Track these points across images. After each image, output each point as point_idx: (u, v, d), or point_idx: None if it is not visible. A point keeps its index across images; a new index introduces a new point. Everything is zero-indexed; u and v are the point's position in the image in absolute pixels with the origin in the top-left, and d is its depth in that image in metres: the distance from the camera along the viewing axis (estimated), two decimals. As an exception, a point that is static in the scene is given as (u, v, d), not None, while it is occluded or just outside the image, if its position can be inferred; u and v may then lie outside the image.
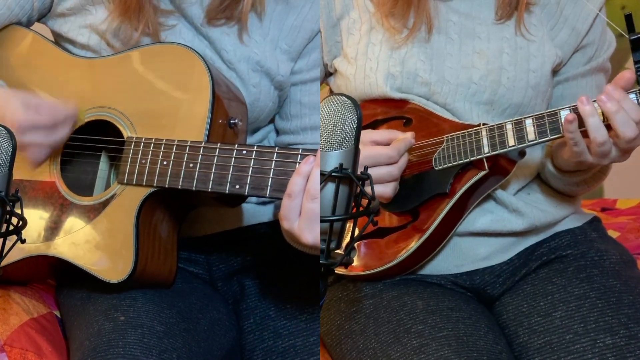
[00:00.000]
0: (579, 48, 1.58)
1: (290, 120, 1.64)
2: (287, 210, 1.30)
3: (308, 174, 1.29)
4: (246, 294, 1.62)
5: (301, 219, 1.29)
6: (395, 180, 1.46)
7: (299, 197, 1.29)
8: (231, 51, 1.56)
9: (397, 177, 1.46)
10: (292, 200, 1.30)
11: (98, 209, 1.48)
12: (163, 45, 1.51)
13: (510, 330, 1.52)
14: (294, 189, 1.30)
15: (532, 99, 1.55)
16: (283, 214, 1.31)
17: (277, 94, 1.61)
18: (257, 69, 1.57)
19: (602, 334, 1.41)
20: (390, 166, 1.44)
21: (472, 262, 1.57)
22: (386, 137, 1.48)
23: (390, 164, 1.45)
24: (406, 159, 1.47)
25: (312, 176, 1.28)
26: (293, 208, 1.30)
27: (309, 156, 1.32)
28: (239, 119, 1.49)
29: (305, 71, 1.61)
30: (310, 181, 1.29)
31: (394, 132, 1.50)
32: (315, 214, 1.27)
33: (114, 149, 1.51)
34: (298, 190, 1.29)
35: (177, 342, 1.42)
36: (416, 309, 1.48)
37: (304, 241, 1.30)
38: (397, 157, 1.45)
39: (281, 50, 1.59)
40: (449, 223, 1.52)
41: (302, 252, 1.35)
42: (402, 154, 1.46)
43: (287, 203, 1.30)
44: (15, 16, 1.58)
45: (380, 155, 1.44)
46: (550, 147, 1.58)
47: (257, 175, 1.37)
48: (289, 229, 1.31)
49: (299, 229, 1.30)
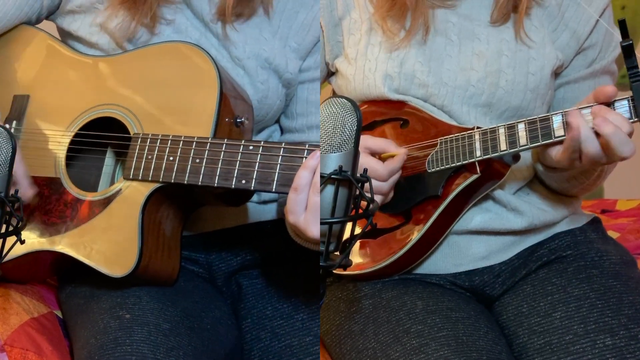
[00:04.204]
0: (580, 51, 1.57)
1: (295, 118, 1.64)
2: (293, 204, 1.31)
3: (315, 168, 1.30)
4: (243, 294, 1.62)
5: (307, 212, 1.30)
6: (382, 194, 1.46)
7: (305, 190, 1.30)
8: (240, 48, 1.56)
9: (385, 193, 1.46)
10: (299, 194, 1.30)
11: (103, 204, 1.49)
12: (171, 44, 1.51)
13: (510, 330, 1.52)
14: (301, 182, 1.30)
15: (531, 101, 1.54)
16: (289, 207, 1.31)
17: (285, 91, 1.61)
18: (266, 66, 1.57)
19: (602, 335, 1.41)
20: (380, 182, 1.44)
21: (471, 261, 1.57)
22: (381, 148, 1.48)
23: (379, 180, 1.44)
24: (398, 176, 1.47)
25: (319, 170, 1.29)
26: (299, 202, 1.30)
27: (316, 150, 1.32)
28: (245, 118, 1.50)
29: (313, 69, 1.61)
30: (316, 175, 1.29)
31: (389, 142, 1.49)
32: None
33: (120, 145, 1.52)
34: (304, 184, 1.30)
35: (182, 340, 1.43)
36: (416, 309, 1.49)
37: (309, 234, 1.30)
38: (387, 177, 1.44)
39: (290, 48, 1.59)
40: (442, 225, 1.53)
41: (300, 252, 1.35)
42: (393, 173, 1.45)
43: (294, 197, 1.31)
44: (25, 15, 1.59)
45: (371, 170, 1.43)
46: (535, 151, 1.56)
47: (264, 170, 1.37)
48: (295, 223, 1.31)
49: (304, 223, 1.30)
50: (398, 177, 1.47)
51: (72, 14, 1.59)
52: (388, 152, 1.49)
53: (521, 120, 1.44)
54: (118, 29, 1.54)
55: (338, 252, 1.10)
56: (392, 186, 1.47)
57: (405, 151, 1.48)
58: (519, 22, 1.53)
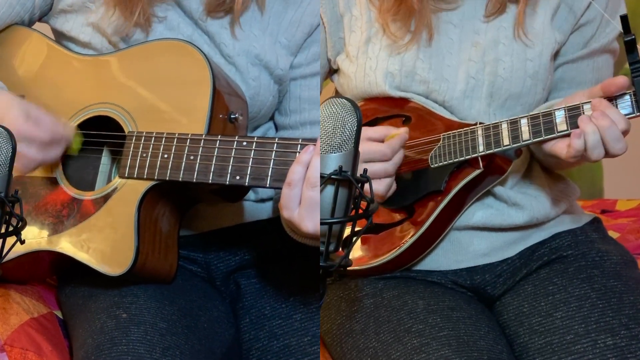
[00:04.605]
0: (577, 27, 1.56)
1: (289, 115, 1.63)
2: (287, 199, 1.30)
3: (308, 162, 1.29)
4: (242, 293, 1.62)
5: (301, 207, 1.29)
6: (389, 176, 1.45)
7: (298, 185, 1.29)
8: (230, 45, 1.56)
9: (392, 174, 1.46)
10: (292, 189, 1.30)
11: (99, 203, 1.48)
12: (163, 41, 1.51)
13: (511, 330, 1.52)
14: (294, 177, 1.30)
15: (531, 88, 1.53)
16: (283, 203, 1.31)
17: (277, 88, 1.60)
18: (257, 62, 1.57)
19: (603, 335, 1.41)
20: (385, 162, 1.44)
21: (472, 257, 1.57)
22: (381, 134, 1.47)
23: (384, 160, 1.44)
24: (401, 155, 1.46)
25: (312, 165, 1.28)
26: (293, 197, 1.30)
27: (308, 145, 1.32)
28: (239, 114, 1.50)
29: (305, 65, 1.61)
30: (310, 169, 1.29)
31: (389, 128, 1.49)
32: (315, 201, 1.27)
33: (116, 143, 1.51)
34: (298, 179, 1.29)
35: (179, 339, 1.42)
36: (417, 308, 1.48)
37: (304, 229, 1.29)
38: (391, 154, 1.44)
39: (280, 45, 1.59)
40: (444, 220, 1.53)
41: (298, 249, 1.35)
42: (396, 151, 1.45)
43: (287, 192, 1.30)
44: (17, 14, 1.58)
45: (374, 152, 1.43)
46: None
47: (258, 166, 1.37)
48: (289, 218, 1.31)
49: (299, 217, 1.29)
50: (402, 157, 1.46)
51: (64, 13, 1.58)
52: (390, 135, 1.48)
53: (524, 116, 1.44)
54: (111, 28, 1.54)
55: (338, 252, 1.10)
56: (398, 165, 1.46)
57: (405, 129, 1.48)
58: (521, 12, 1.52)
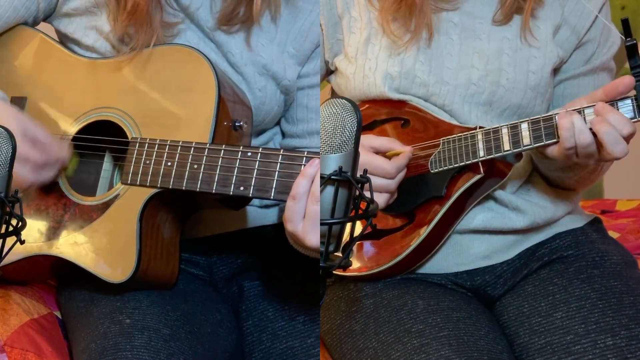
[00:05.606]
0: (579, 45, 1.57)
1: (296, 124, 1.63)
2: (292, 213, 1.30)
3: (313, 176, 1.30)
4: (245, 296, 1.62)
5: (305, 221, 1.30)
6: (390, 192, 1.46)
7: (303, 199, 1.30)
8: (237, 54, 1.55)
9: (393, 191, 1.47)
10: (297, 203, 1.30)
11: (101, 209, 1.48)
12: (169, 47, 1.50)
13: (511, 330, 1.52)
14: (299, 191, 1.30)
15: (531, 100, 1.54)
16: (287, 216, 1.31)
17: (283, 97, 1.60)
18: (264, 72, 1.57)
19: (603, 335, 1.41)
20: (388, 180, 1.45)
21: (472, 260, 1.57)
22: (386, 146, 1.48)
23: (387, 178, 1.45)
24: (404, 173, 1.47)
25: (317, 179, 1.28)
26: (297, 210, 1.30)
27: (314, 159, 1.32)
28: (244, 122, 1.49)
29: (312, 75, 1.61)
30: (315, 184, 1.29)
31: (394, 141, 1.50)
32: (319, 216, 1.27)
33: (118, 149, 1.51)
34: (302, 193, 1.30)
35: (183, 345, 1.42)
36: (417, 308, 1.48)
37: (308, 243, 1.30)
38: (395, 173, 1.45)
39: (288, 55, 1.59)
40: (445, 225, 1.53)
41: (300, 254, 1.35)
42: (400, 169, 1.46)
43: (292, 205, 1.30)
44: (22, 17, 1.58)
45: (379, 169, 1.45)
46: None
47: (262, 177, 1.36)
48: (293, 231, 1.31)
49: (303, 232, 1.30)
50: (404, 174, 1.47)
51: (68, 16, 1.58)
52: (393, 150, 1.49)
53: (524, 120, 1.44)
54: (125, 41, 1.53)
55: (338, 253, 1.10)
56: (399, 183, 1.47)
57: (410, 149, 1.49)
58: (526, 23, 1.53)
